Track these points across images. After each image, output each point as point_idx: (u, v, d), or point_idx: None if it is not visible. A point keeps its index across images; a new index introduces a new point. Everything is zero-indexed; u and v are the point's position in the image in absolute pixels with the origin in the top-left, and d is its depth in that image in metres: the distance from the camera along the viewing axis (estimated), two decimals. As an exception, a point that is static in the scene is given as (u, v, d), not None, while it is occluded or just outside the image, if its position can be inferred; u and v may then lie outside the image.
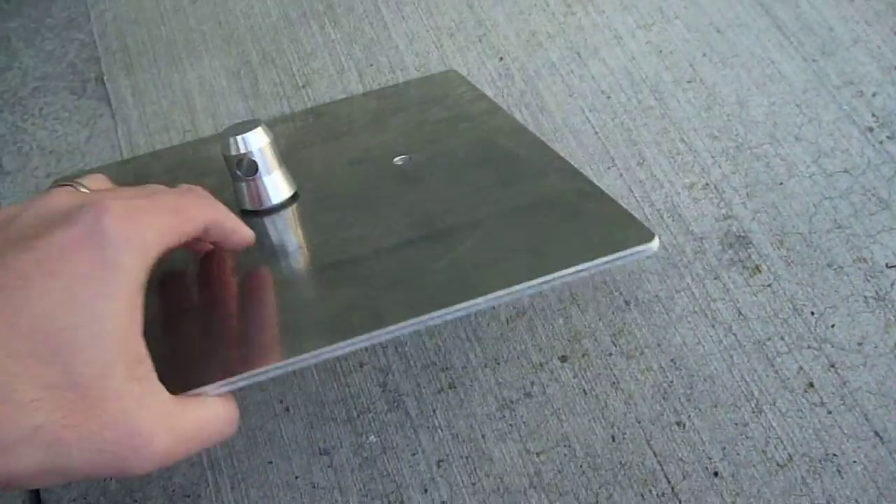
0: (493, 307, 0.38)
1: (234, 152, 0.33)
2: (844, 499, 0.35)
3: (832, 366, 0.39)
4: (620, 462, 0.37)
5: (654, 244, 0.26)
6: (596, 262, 0.26)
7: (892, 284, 0.41)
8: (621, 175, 0.45)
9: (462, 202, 0.31)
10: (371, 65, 0.51)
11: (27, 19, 0.55)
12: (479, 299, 0.25)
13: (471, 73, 0.50)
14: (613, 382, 0.39)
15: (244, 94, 0.51)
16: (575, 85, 0.49)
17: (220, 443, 0.26)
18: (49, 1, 0.55)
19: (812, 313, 0.40)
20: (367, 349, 0.40)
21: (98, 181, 0.28)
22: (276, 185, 0.34)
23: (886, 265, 0.42)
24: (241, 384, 0.25)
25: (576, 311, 0.41)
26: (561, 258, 0.26)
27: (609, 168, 0.46)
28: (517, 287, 0.26)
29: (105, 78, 0.52)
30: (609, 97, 0.49)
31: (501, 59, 0.51)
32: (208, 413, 0.25)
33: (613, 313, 0.41)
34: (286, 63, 0.52)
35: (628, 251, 0.26)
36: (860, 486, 0.35)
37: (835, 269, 0.41)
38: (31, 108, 0.50)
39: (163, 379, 0.24)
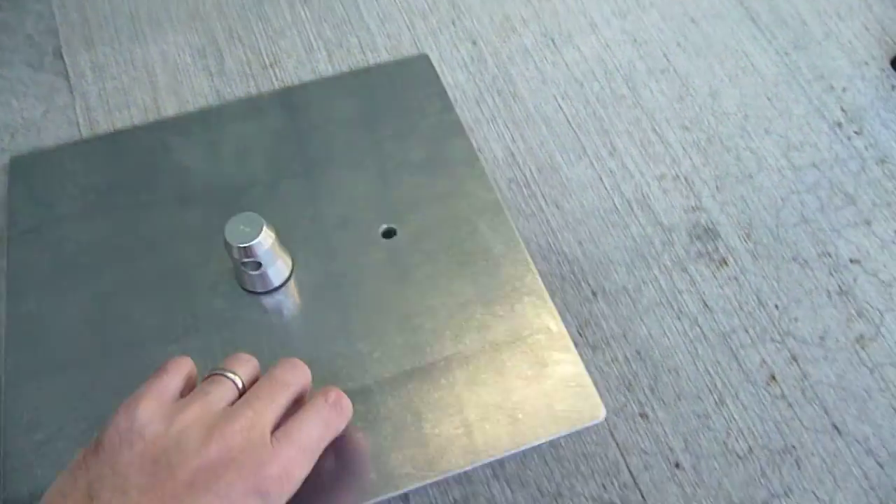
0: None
1: (238, 256, 0.36)
2: (802, 490, 0.35)
3: (794, 359, 0.39)
4: (583, 453, 0.37)
5: (601, 418, 0.34)
6: (558, 434, 0.34)
7: (854, 279, 0.41)
8: (592, 164, 0.45)
9: (448, 325, 0.37)
10: (341, 45, 0.50)
11: (-18, -13, 0.52)
12: (477, 463, 0.33)
13: (443, 57, 0.49)
14: (579, 373, 0.39)
15: (209, 71, 0.49)
16: (548, 71, 0.49)
17: None
18: (5, -32, 0.53)
19: (776, 306, 0.40)
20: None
21: (247, 369, 0.32)
22: (277, 272, 0.38)
23: (850, 260, 0.42)
24: None
25: (543, 301, 0.41)
26: (532, 429, 0.34)
27: (580, 157, 0.45)
28: (502, 454, 0.33)
29: (63, 51, 0.50)
30: (582, 85, 0.48)
31: (474, 42, 0.50)
32: None
33: (580, 304, 0.40)
34: (253, 41, 0.50)
35: (581, 426, 0.34)
36: (818, 477, 0.36)
37: (800, 263, 0.42)
38: (-16, 81, 0.48)
39: None
